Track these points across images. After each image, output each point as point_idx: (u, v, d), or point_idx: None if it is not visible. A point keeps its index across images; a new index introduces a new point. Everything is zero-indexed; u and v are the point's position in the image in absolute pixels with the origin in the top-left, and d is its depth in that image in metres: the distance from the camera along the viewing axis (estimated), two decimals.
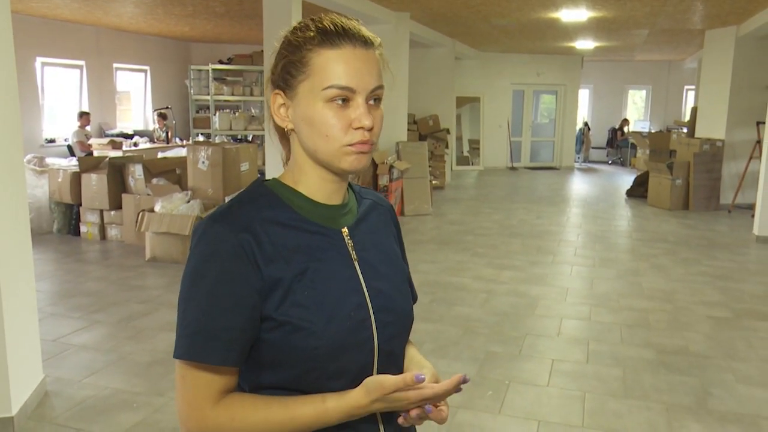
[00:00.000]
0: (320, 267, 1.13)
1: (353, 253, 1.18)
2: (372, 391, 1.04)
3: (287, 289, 1.08)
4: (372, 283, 1.18)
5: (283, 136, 1.22)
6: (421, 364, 1.27)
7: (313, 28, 1.11)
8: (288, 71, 1.13)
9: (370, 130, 1.11)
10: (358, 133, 1.10)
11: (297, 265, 1.10)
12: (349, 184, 1.28)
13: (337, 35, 1.09)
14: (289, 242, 1.11)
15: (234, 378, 1.11)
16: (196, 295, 1.07)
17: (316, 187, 1.18)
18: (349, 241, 1.18)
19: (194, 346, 1.06)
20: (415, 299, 1.37)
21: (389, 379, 1.03)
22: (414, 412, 1.11)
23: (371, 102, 1.12)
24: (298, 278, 1.10)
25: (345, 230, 1.19)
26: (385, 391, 1.03)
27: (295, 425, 1.06)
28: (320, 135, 1.11)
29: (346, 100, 1.10)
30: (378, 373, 1.17)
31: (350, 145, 1.11)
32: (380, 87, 1.13)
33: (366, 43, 1.12)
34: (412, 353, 1.32)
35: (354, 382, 1.12)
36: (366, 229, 1.24)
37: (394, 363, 1.22)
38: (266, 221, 1.11)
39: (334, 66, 1.09)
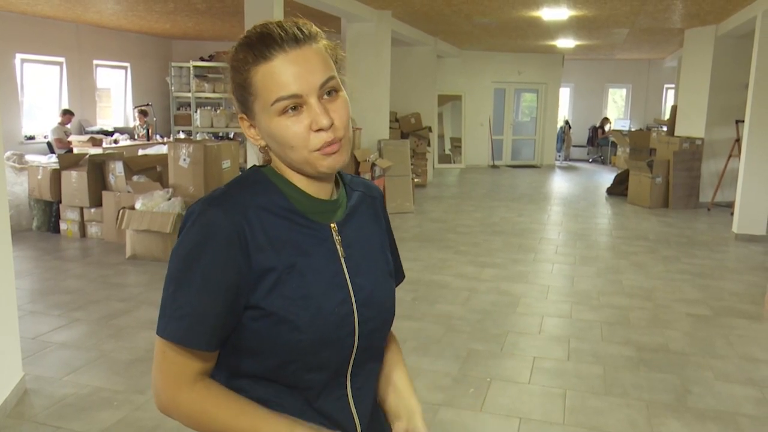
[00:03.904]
0: (308, 261, 1.13)
1: (340, 249, 1.18)
2: None
3: (276, 280, 1.09)
4: (356, 279, 1.18)
5: (262, 149, 1.22)
6: (406, 408, 1.29)
7: (244, 47, 1.10)
8: (241, 94, 1.14)
9: (331, 126, 1.10)
10: (320, 135, 1.09)
11: (286, 257, 1.11)
12: (341, 176, 1.28)
13: (266, 46, 1.08)
14: (281, 233, 1.12)
15: (211, 362, 1.14)
16: (189, 278, 1.07)
17: (301, 184, 1.18)
18: (337, 237, 1.19)
19: (183, 329, 1.07)
20: (401, 279, 1.40)
21: None
22: None
23: (326, 96, 1.11)
24: (288, 271, 1.10)
25: (334, 226, 1.19)
26: None
27: None
28: (287, 147, 1.11)
29: (298, 107, 1.09)
30: (354, 367, 1.19)
31: (318, 150, 1.10)
32: (331, 78, 1.11)
33: (298, 40, 1.09)
34: (401, 386, 1.33)
35: (332, 376, 1.15)
36: (355, 224, 1.24)
37: (371, 358, 1.23)
38: (260, 208, 1.12)
39: (273, 79, 1.08)
